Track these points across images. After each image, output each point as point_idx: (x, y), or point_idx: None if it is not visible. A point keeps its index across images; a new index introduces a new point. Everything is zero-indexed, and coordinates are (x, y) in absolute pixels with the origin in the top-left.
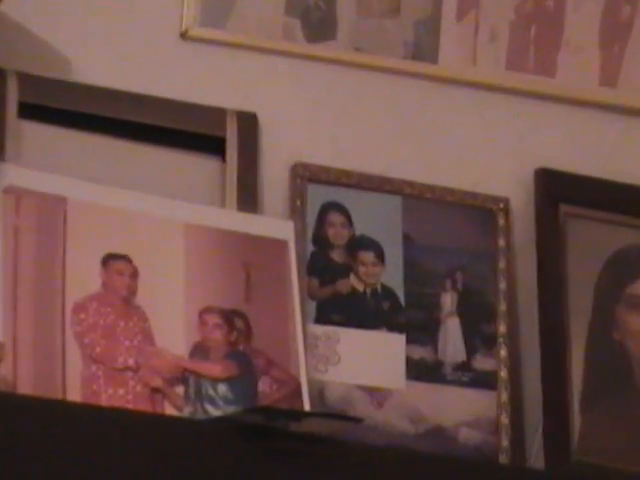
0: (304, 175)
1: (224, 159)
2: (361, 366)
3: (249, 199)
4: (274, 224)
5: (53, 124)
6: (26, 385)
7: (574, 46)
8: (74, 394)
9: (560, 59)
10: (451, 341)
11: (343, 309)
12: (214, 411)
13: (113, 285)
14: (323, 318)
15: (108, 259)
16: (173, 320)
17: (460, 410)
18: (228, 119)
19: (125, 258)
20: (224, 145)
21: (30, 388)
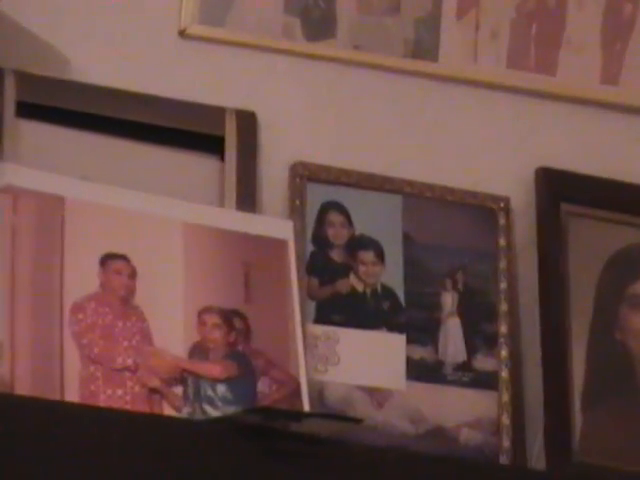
0: (303, 174)
1: (223, 158)
2: (361, 366)
3: (248, 198)
4: (273, 224)
5: (51, 123)
6: (24, 385)
7: (575, 44)
8: (72, 394)
9: (561, 57)
10: (452, 341)
11: (343, 309)
12: (213, 412)
13: (111, 285)
14: (323, 318)
15: (106, 259)
16: (172, 320)
17: (461, 410)
18: (227, 118)
19: (123, 258)
20: (223, 144)
21: (28, 388)
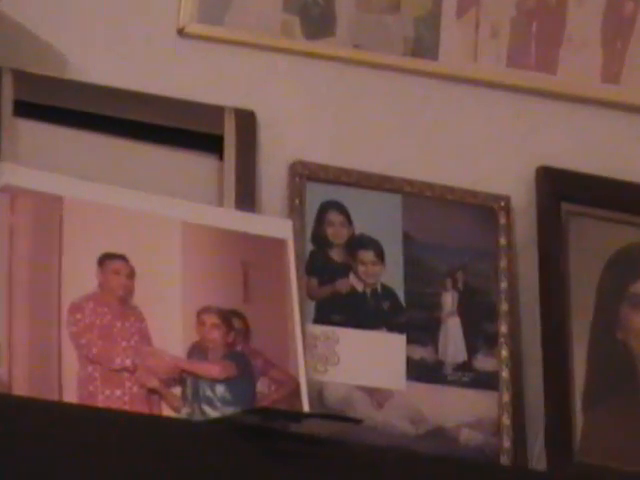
0: (303, 173)
1: (222, 157)
2: (361, 366)
3: (247, 198)
4: (273, 223)
5: (49, 122)
6: (22, 386)
7: (576, 42)
8: (70, 395)
9: (562, 56)
10: (452, 341)
11: (342, 309)
12: (212, 412)
13: (110, 285)
14: (322, 318)
15: (105, 259)
16: (170, 320)
17: (461, 411)
18: (226, 117)
19: (122, 258)
20: (222, 143)
21: (26, 389)
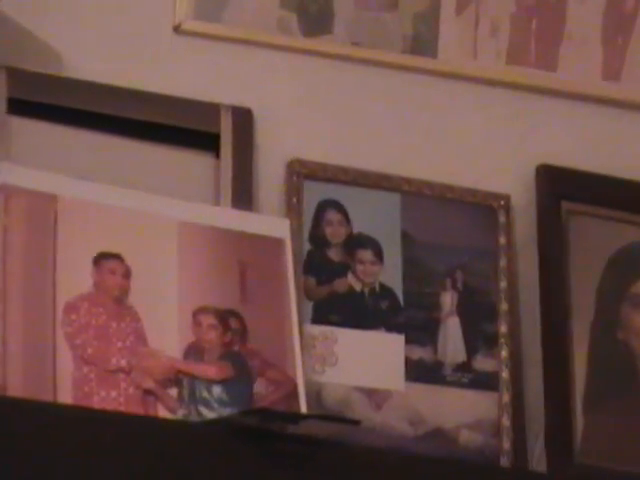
0: (300, 172)
1: (218, 156)
2: (359, 367)
3: (244, 196)
4: (270, 222)
5: (43, 120)
6: (16, 387)
7: (576, 39)
8: (65, 396)
9: (562, 53)
10: (451, 341)
11: (341, 309)
12: (209, 413)
13: (105, 285)
14: (320, 318)
15: (100, 258)
16: (167, 320)
17: (460, 412)
18: (222, 115)
19: (117, 257)
20: (218, 141)
21: (20, 390)
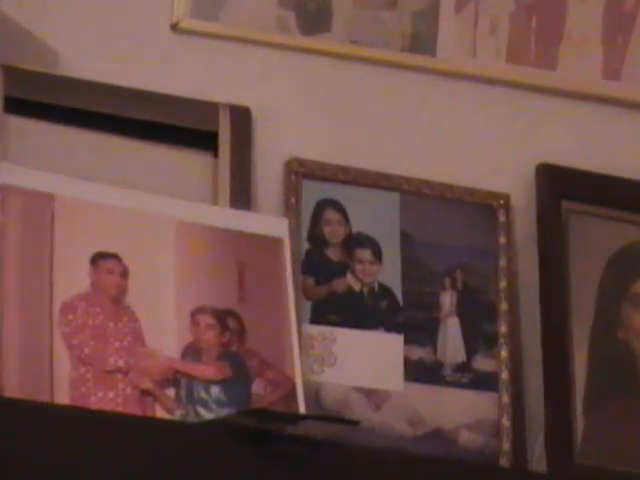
0: (299, 171)
1: (216, 155)
2: (358, 367)
3: (242, 196)
4: (268, 221)
5: (40, 119)
6: (13, 387)
7: (576, 38)
8: (62, 397)
9: (562, 51)
10: (450, 341)
11: (339, 309)
12: (206, 414)
13: (102, 284)
14: (319, 318)
15: (97, 258)
16: (164, 320)
17: (460, 412)
18: (220, 113)
19: (115, 257)
20: (216, 140)
21: (17, 390)
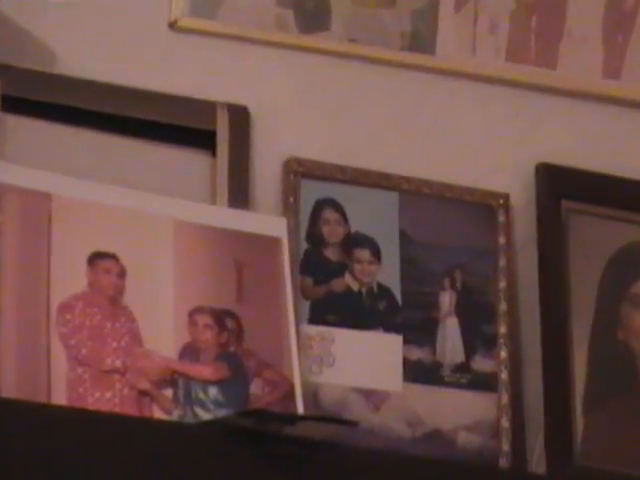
0: (297, 170)
1: (214, 154)
2: (357, 368)
3: (240, 195)
4: (266, 221)
5: (37, 118)
6: (9, 387)
7: (577, 37)
8: (59, 397)
9: (562, 50)
10: (450, 342)
11: (338, 309)
12: (204, 414)
13: (100, 284)
14: (317, 318)
15: (94, 258)
16: (162, 321)
17: (459, 413)
18: (219, 112)
19: (112, 256)
20: (214, 139)
21: (14, 390)
